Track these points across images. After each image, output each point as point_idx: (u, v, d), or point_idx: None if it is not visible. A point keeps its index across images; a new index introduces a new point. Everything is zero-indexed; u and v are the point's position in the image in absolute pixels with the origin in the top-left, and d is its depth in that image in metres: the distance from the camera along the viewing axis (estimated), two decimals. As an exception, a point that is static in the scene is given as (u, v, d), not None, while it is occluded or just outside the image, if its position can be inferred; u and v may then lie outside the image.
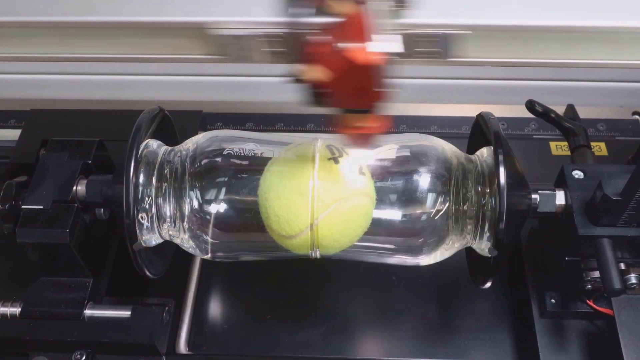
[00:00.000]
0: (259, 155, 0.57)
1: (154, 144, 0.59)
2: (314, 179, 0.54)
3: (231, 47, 0.50)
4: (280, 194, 0.54)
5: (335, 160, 0.56)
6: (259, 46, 0.49)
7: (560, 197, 0.56)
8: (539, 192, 0.56)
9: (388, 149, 0.58)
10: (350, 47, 0.41)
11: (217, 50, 0.52)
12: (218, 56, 0.52)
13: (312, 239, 0.54)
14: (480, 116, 0.59)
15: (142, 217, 0.56)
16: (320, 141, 0.57)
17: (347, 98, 0.44)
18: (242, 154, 0.57)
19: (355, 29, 0.41)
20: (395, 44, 0.41)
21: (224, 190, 0.56)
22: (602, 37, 0.51)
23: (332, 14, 0.43)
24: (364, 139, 0.48)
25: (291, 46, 0.43)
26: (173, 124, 0.63)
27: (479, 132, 0.60)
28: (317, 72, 0.42)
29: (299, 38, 0.43)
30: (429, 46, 0.50)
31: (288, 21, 0.42)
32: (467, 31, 0.50)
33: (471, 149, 0.63)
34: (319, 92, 0.45)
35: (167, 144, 0.61)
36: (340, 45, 0.41)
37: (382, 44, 0.41)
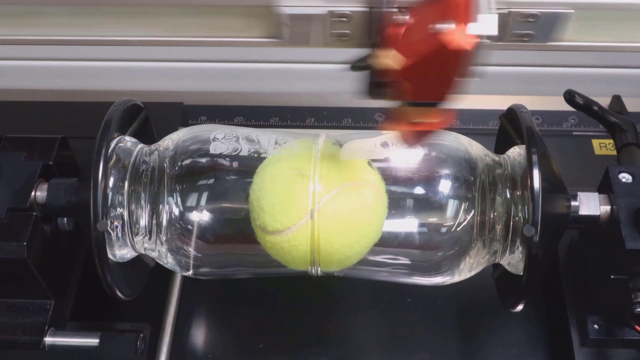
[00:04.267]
0: (251, 154, 0.57)
1: (126, 141, 0.59)
2: (317, 157, 0.54)
3: (289, 28, 0.50)
4: (277, 176, 0.54)
5: (341, 145, 0.56)
6: (324, 27, 0.50)
7: (604, 204, 0.56)
8: (580, 197, 0.56)
9: (402, 148, 0.58)
10: (446, 30, 0.41)
11: (270, 32, 0.52)
12: (272, 39, 0.52)
13: (312, 233, 0.53)
14: (511, 109, 0.59)
15: (112, 227, 0.56)
16: (324, 135, 0.58)
17: (421, 88, 0.44)
18: (231, 153, 0.57)
19: (448, 9, 0.42)
20: (492, 26, 0.42)
21: (209, 195, 0.56)
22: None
23: None
24: (421, 136, 0.49)
25: (370, 27, 0.44)
26: (149, 118, 0.64)
27: (509, 128, 0.60)
28: (392, 58, 0.43)
29: (381, 18, 0.43)
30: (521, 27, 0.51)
31: None
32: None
33: (500, 147, 0.63)
34: (383, 82, 0.45)
35: (142, 142, 0.61)
36: (435, 27, 0.41)
37: (480, 26, 0.41)
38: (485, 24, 0.42)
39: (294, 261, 0.55)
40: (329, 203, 0.53)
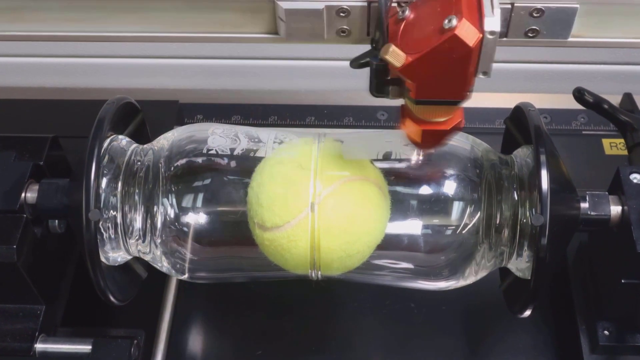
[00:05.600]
0: (249, 150, 0.57)
1: (120, 141, 0.59)
2: (317, 152, 0.55)
3: (285, 24, 0.50)
4: (276, 172, 0.54)
5: (342, 142, 0.57)
6: (321, 23, 0.50)
7: (615, 206, 0.56)
8: (590, 198, 0.56)
9: (405, 148, 0.58)
10: (450, 25, 0.41)
11: (267, 27, 0.52)
12: (270, 35, 0.52)
13: (312, 226, 0.53)
14: (518, 108, 0.59)
15: (105, 228, 0.56)
16: (326, 134, 0.58)
17: (425, 86, 0.45)
18: (228, 151, 0.57)
19: (451, 4, 0.42)
20: (495, 21, 0.42)
21: (205, 196, 0.56)
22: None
23: None
24: (438, 137, 0.49)
25: (369, 23, 0.43)
26: (144, 116, 0.64)
27: (516, 127, 0.60)
28: (393, 55, 0.43)
29: (380, 13, 0.43)
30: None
31: None
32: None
33: (507, 147, 0.63)
34: (393, 79, 0.45)
35: (137, 141, 0.61)
36: (438, 22, 0.41)
37: (489, 22, 0.42)
38: (489, 20, 0.42)
39: (293, 259, 0.54)
40: (329, 196, 0.53)
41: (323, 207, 0.53)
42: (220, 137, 0.58)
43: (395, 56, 0.43)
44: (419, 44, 0.43)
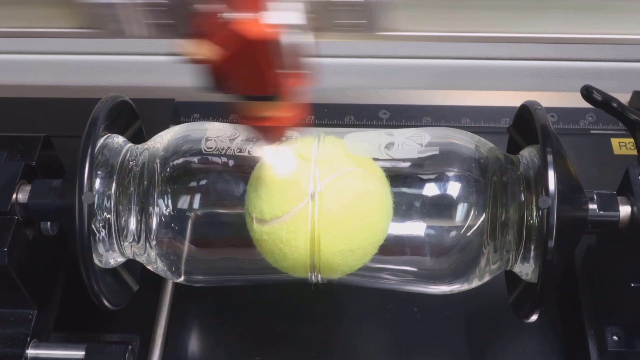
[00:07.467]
0: (247, 152, 0.57)
1: (114, 140, 0.59)
2: (318, 144, 0.55)
3: (103, 19, 0.50)
4: (275, 165, 0.54)
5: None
6: (139, 17, 0.50)
7: (624, 207, 0.56)
8: (598, 199, 0.56)
9: (407, 148, 0.58)
10: (239, 18, 0.41)
11: (86, 22, 0.52)
12: (88, 30, 0.53)
13: (312, 216, 0.53)
14: (524, 106, 0.59)
15: (98, 229, 0.56)
16: (324, 134, 0.58)
17: (244, 82, 0.45)
18: (226, 153, 0.57)
19: None
20: (294, 15, 0.42)
21: (202, 196, 0.56)
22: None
23: None
24: (271, 132, 0.49)
25: (177, 17, 0.43)
26: (138, 115, 0.64)
27: (522, 126, 0.60)
28: (206, 50, 0.43)
29: (185, 7, 0.43)
30: (350, 17, 0.51)
31: None
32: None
33: (513, 147, 0.63)
34: (215, 75, 0.45)
35: (131, 141, 0.61)
36: (228, 15, 0.41)
37: (278, 15, 0.41)
38: (287, 13, 0.42)
39: (292, 254, 0.54)
40: (330, 185, 0.53)
41: (324, 196, 0.53)
42: (219, 130, 0.58)
43: (211, 52, 0.43)
44: (225, 39, 0.42)
